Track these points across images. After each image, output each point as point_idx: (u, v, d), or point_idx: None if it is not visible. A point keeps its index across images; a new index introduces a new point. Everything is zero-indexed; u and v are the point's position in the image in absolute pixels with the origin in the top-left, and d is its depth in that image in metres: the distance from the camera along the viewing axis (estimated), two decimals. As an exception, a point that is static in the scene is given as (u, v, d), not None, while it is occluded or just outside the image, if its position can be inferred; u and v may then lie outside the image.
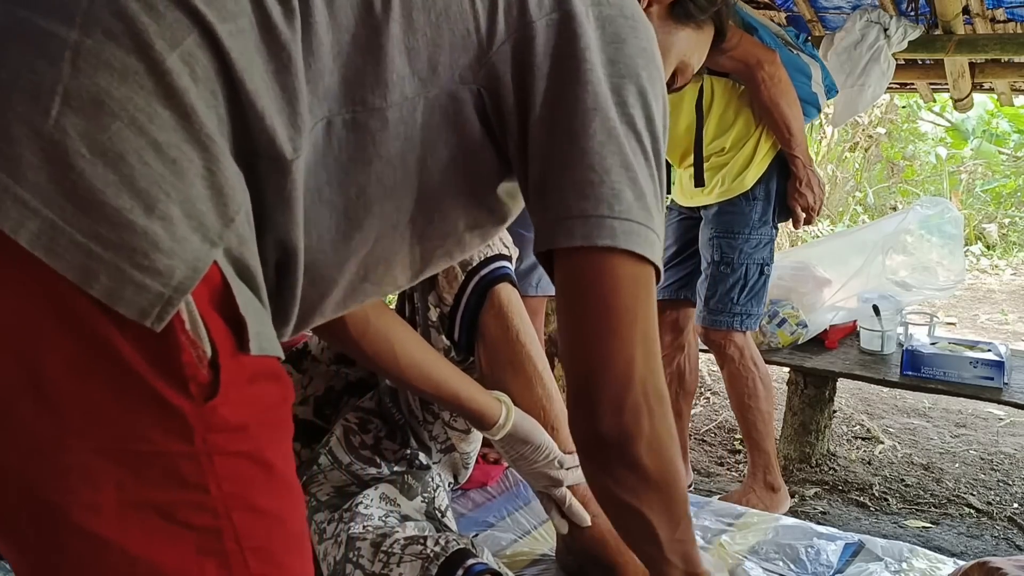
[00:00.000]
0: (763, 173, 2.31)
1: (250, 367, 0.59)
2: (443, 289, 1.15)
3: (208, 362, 0.56)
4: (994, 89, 3.36)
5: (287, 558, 0.62)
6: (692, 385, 2.68)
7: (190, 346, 0.55)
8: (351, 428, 1.25)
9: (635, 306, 0.69)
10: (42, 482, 0.53)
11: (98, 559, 0.54)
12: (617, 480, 0.74)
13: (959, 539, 2.45)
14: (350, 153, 0.66)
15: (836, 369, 2.73)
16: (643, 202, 0.69)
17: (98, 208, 0.52)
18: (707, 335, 2.39)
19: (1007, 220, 7.44)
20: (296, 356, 1.38)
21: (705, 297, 2.36)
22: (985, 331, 4.95)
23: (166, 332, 0.54)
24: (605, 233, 0.67)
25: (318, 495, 1.15)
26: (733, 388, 2.42)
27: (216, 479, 0.56)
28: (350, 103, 0.65)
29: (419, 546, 1.01)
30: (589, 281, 0.70)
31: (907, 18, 2.75)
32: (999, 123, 7.19)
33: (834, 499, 2.71)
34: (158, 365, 0.54)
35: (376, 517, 1.08)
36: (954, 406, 3.56)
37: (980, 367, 2.53)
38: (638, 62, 0.71)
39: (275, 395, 0.63)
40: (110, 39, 0.55)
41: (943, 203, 3.31)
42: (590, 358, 0.71)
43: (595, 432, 0.71)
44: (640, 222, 0.68)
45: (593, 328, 0.70)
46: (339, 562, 1.04)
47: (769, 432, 2.43)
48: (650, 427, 0.71)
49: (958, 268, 3.19)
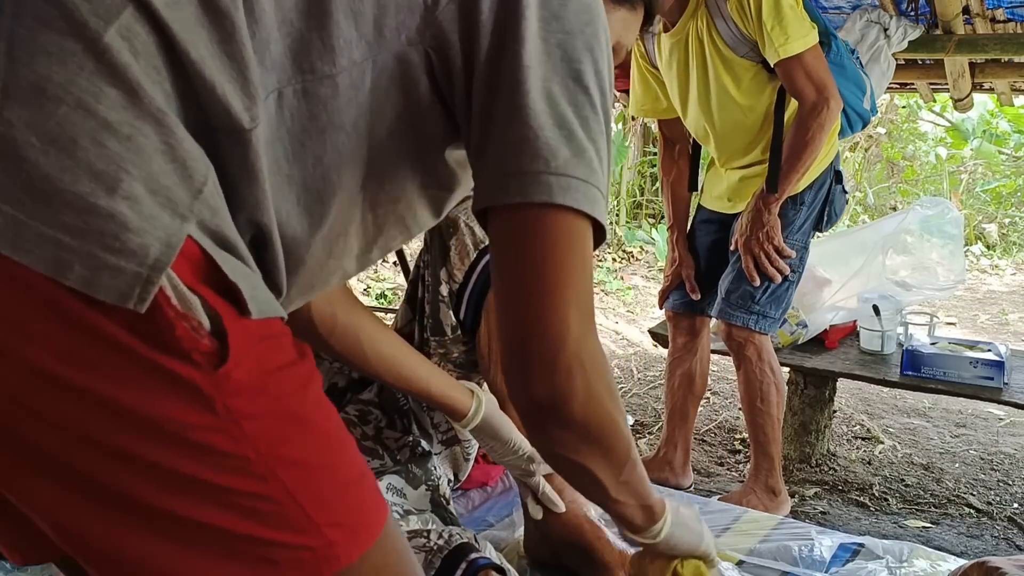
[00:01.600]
0: (817, 178, 2.28)
1: (256, 330, 0.58)
2: (454, 265, 1.16)
3: (208, 332, 0.55)
4: (994, 89, 3.36)
5: (342, 502, 0.61)
6: (701, 389, 2.68)
7: (181, 320, 0.54)
8: (351, 421, 1.26)
9: (570, 264, 0.67)
10: (83, 477, 0.53)
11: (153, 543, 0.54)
12: (555, 439, 0.74)
13: (959, 539, 2.45)
14: (303, 123, 0.65)
15: (836, 369, 2.73)
16: (583, 158, 0.67)
17: (59, 196, 0.51)
18: (728, 332, 2.35)
19: (1007, 220, 7.44)
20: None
21: (727, 290, 2.32)
22: (985, 331, 4.95)
23: (152, 312, 0.53)
24: (541, 189, 0.65)
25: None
26: (746, 390, 2.39)
27: (252, 444, 0.56)
28: (299, 72, 0.63)
29: (422, 539, 1.01)
30: (523, 239, 0.67)
31: (907, 18, 2.75)
32: (999, 123, 7.19)
33: (834, 499, 2.71)
34: (155, 344, 0.53)
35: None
36: (954, 406, 3.56)
37: (980, 367, 2.53)
38: (583, 18, 0.70)
39: (289, 352, 0.62)
40: (42, 24, 0.54)
41: (943, 203, 3.31)
42: (523, 320, 0.69)
43: (528, 395, 0.70)
44: (579, 177, 0.66)
45: (526, 289, 0.68)
46: (340, 560, 1.04)
47: (776, 438, 2.43)
48: (584, 386, 0.69)
49: (958, 268, 3.19)
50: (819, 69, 2.08)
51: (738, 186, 2.35)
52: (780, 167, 2.16)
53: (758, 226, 2.20)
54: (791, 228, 2.27)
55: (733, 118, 2.23)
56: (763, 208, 2.20)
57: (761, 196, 2.20)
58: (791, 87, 2.11)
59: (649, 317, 5.17)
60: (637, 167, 7.05)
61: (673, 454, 2.66)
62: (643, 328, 4.71)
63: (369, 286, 5.41)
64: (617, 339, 4.79)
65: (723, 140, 2.30)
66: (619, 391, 0.80)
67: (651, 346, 4.30)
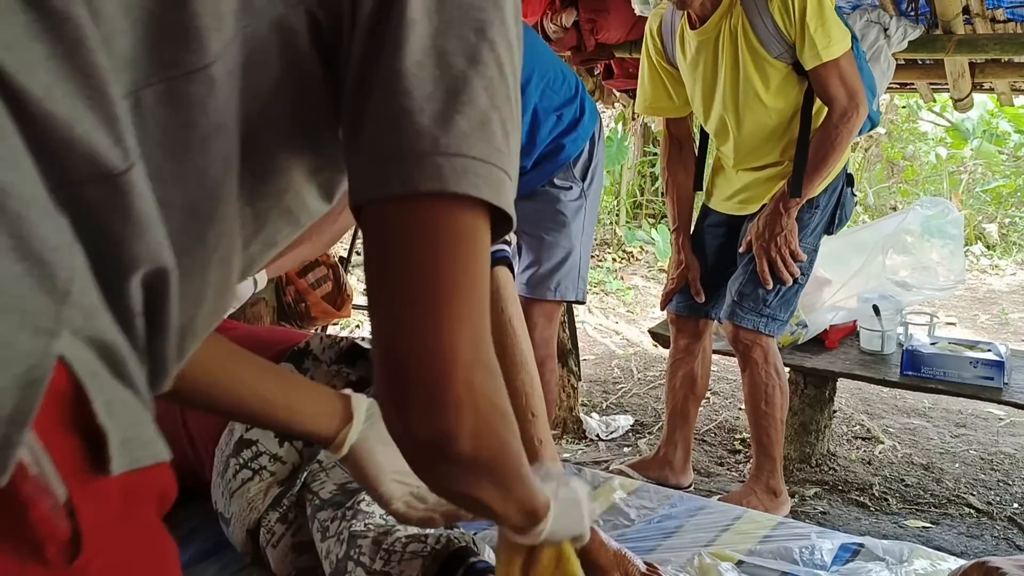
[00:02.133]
0: (831, 181, 2.28)
1: (119, 492, 0.45)
2: None
3: (65, 509, 0.42)
4: (994, 89, 3.35)
5: None
6: (702, 390, 2.68)
7: (40, 495, 0.41)
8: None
9: (463, 270, 0.54)
10: None
11: None
12: (441, 475, 0.63)
13: (959, 539, 2.45)
14: (176, 133, 0.50)
15: (836, 369, 2.73)
16: (485, 130, 0.53)
17: None
18: (736, 334, 2.35)
19: (1007, 220, 7.44)
20: (297, 355, 1.38)
21: (739, 293, 2.32)
22: (985, 331, 4.95)
23: (5, 490, 0.39)
24: (428, 174, 0.51)
25: (320, 493, 1.15)
26: (751, 392, 2.39)
27: None
28: (159, 68, 0.49)
29: (420, 544, 1.01)
30: (405, 240, 0.53)
31: (907, 18, 2.75)
32: (999, 123, 7.19)
33: (834, 499, 2.71)
34: (7, 533, 0.40)
35: (378, 515, 1.08)
36: (954, 406, 3.57)
37: (980, 367, 2.54)
38: None
39: (154, 518, 0.50)
40: None
41: (944, 204, 3.31)
42: (401, 344, 0.54)
43: (410, 434, 0.57)
44: (479, 157, 0.53)
45: (406, 303, 0.54)
46: (341, 560, 1.04)
47: (779, 440, 2.43)
48: (474, 420, 0.56)
49: (958, 268, 3.19)
50: (853, 75, 2.09)
51: (750, 187, 2.34)
52: (804, 170, 2.16)
53: (776, 230, 2.21)
54: (805, 231, 2.28)
55: (758, 119, 2.22)
56: (783, 212, 2.20)
57: (781, 199, 2.20)
58: (824, 91, 2.11)
59: (649, 317, 5.17)
60: (637, 167, 7.05)
61: (673, 454, 2.66)
62: (643, 328, 4.71)
63: (369, 286, 5.40)
64: (617, 339, 4.79)
65: (744, 140, 2.29)
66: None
67: (651, 346, 4.30)
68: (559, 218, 1.87)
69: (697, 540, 1.27)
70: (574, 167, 1.87)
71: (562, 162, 1.86)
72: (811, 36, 2.03)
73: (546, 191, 1.87)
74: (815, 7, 2.02)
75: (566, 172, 1.87)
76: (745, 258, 2.33)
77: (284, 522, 1.16)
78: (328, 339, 1.43)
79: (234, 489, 1.21)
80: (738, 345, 2.37)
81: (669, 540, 1.28)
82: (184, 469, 1.40)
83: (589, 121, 1.89)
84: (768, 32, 2.10)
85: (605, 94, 3.57)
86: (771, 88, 2.18)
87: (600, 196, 2.05)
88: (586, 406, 3.57)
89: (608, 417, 3.43)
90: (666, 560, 1.20)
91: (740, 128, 2.26)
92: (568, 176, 1.87)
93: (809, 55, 2.06)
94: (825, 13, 2.03)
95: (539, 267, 1.89)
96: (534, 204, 1.88)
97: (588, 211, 1.93)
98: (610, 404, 3.68)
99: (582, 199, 1.90)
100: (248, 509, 1.19)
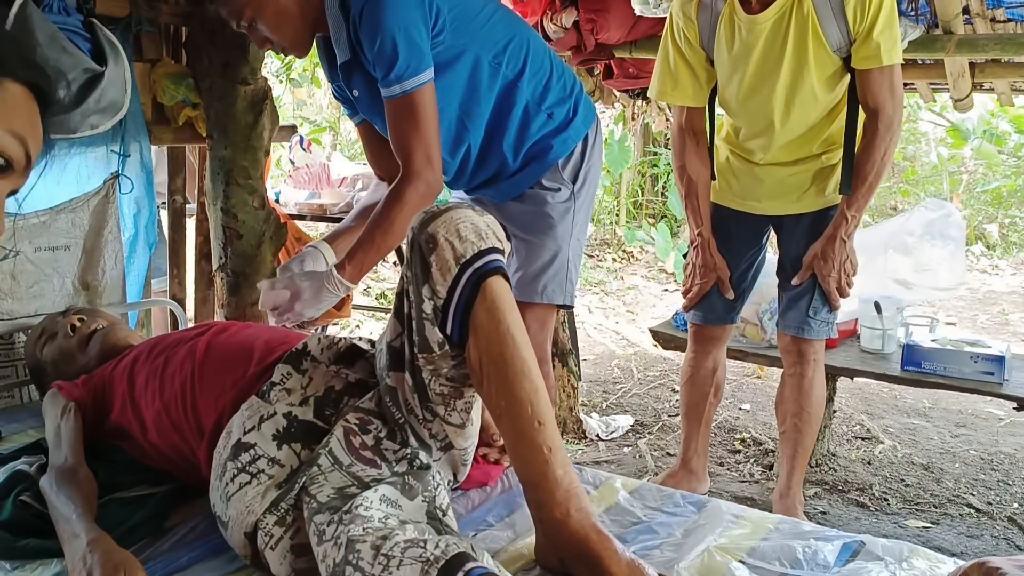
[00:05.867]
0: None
1: None
2: (436, 282, 1.15)
3: None
4: (994, 89, 3.35)
5: None
6: (720, 393, 2.69)
7: None
8: (351, 429, 1.25)
9: None
10: None
11: None
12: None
13: (959, 539, 2.45)
14: None
15: (836, 364, 2.74)
16: None
17: None
18: (798, 345, 2.34)
19: (1007, 220, 7.44)
20: (296, 356, 1.38)
21: (807, 308, 2.30)
22: (985, 331, 4.95)
23: None
24: None
25: (318, 496, 1.15)
26: (798, 396, 2.37)
27: None
28: None
29: (419, 549, 1.01)
30: None
31: (907, 18, 2.74)
32: (999, 123, 7.19)
33: (834, 499, 2.71)
34: None
35: (376, 519, 1.08)
36: (954, 406, 3.57)
37: (980, 362, 2.53)
38: None
39: None
40: None
41: (947, 206, 3.32)
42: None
43: None
44: None
45: None
46: (338, 564, 1.03)
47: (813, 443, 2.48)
48: None
49: (959, 271, 3.20)
50: (900, 84, 2.09)
51: (779, 184, 2.30)
52: (853, 169, 2.16)
53: (842, 256, 2.21)
54: None
55: (806, 111, 2.18)
56: (844, 238, 2.19)
57: (841, 224, 2.18)
58: (873, 95, 2.09)
59: (649, 317, 5.17)
60: (637, 167, 7.05)
61: (697, 462, 2.66)
62: (643, 328, 4.71)
63: (369, 286, 5.40)
64: (617, 339, 4.78)
65: (786, 133, 2.22)
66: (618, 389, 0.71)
67: (651, 346, 4.30)
68: (546, 220, 1.84)
69: (701, 539, 1.26)
70: (564, 169, 1.84)
71: (550, 162, 1.83)
72: (877, 37, 2.00)
73: (534, 193, 1.85)
74: (889, 9, 2.00)
75: (554, 173, 1.84)
76: (806, 276, 2.30)
77: (282, 525, 1.16)
78: (327, 340, 1.43)
79: (231, 493, 1.21)
80: (792, 354, 2.36)
81: (672, 538, 1.28)
82: (186, 460, 1.40)
83: (582, 123, 1.87)
84: (836, 27, 2.05)
85: (605, 94, 3.57)
86: (822, 82, 2.13)
87: (593, 200, 2.01)
88: (586, 406, 3.56)
89: (608, 417, 3.43)
90: (672, 560, 1.20)
91: (786, 120, 2.20)
92: (556, 177, 1.84)
93: (871, 55, 2.03)
94: (894, 17, 2.01)
95: (526, 269, 1.88)
96: (522, 206, 1.86)
97: (577, 214, 1.89)
98: (610, 404, 3.68)
99: (571, 201, 1.86)
100: (245, 512, 1.18)
